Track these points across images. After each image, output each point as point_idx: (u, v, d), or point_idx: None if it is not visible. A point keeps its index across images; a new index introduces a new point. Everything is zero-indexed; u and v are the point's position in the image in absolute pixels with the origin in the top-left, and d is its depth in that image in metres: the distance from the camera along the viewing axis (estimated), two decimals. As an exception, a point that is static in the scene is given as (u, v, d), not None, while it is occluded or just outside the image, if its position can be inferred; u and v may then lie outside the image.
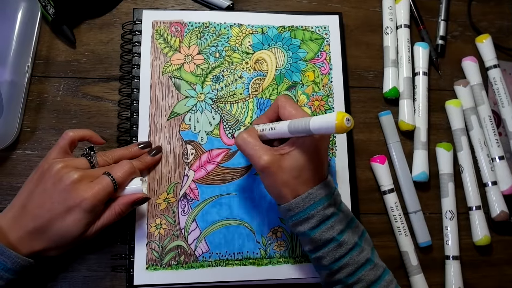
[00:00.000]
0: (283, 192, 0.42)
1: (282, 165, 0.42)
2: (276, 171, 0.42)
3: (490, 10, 0.65)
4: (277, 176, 0.42)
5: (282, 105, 0.45)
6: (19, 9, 0.51)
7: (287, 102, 0.45)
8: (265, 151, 0.42)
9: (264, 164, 0.41)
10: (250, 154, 0.43)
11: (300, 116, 0.42)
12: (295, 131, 0.40)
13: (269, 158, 0.41)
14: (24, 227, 0.41)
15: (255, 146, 0.43)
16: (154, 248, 0.49)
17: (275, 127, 0.43)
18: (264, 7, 0.60)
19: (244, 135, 0.44)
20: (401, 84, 0.58)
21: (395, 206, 0.54)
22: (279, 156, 0.42)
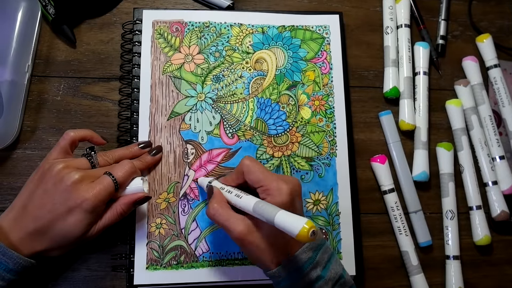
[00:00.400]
0: (262, 260, 0.40)
1: (257, 233, 0.40)
2: (251, 241, 0.40)
3: (490, 9, 0.65)
4: (254, 246, 0.40)
5: (247, 170, 0.42)
6: (19, 8, 0.51)
7: (253, 166, 0.42)
8: (238, 221, 0.40)
9: (237, 235, 0.39)
10: (224, 226, 0.41)
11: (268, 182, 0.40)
12: (259, 215, 0.38)
13: (242, 228, 0.39)
14: (25, 228, 0.41)
15: (227, 217, 0.40)
16: (154, 247, 0.49)
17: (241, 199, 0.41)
18: (265, 6, 0.60)
19: (215, 205, 0.41)
20: (401, 84, 0.58)
21: (395, 206, 0.54)
22: (253, 225, 0.40)
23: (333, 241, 0.51)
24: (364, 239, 0.54)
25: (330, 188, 0.53)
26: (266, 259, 0.40)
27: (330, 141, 0.54)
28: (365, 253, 0.53)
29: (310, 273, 0.40)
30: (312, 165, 0.53)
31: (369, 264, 0.53)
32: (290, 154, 0.53)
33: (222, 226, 0.41)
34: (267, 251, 0.40)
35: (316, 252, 0.41)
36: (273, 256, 0.40)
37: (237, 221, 0.40)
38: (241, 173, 0.43)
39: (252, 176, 0.41)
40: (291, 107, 0.54)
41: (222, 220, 0.41)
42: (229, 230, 0.40)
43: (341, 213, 0.52)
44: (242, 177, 0.43)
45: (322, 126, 0.54)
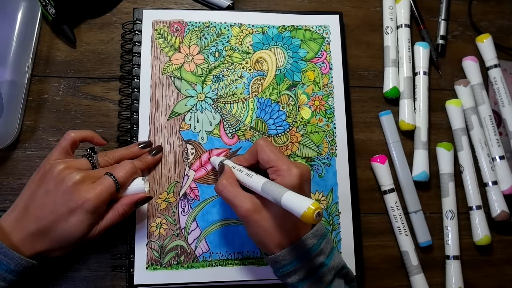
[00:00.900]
0: (266, 242, 0.41)
1: (264, 213, 0.40)
2: (257, 220, 0.40)
3: (490, 9, 0.65)
4: (259, 225, 0.40)
5: (261, 149, 0.43)
6: (19, 8, 0.51)
7: (266, 146, 0.42)
8: (246, 199, 0.40)
9: (244, 213, 0.40)
10: (231, 203, 0.41)
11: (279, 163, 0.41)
12: (267, 195, 0.38)
13: (250, 206, 0.40)
14: (26, 229, 0.41)
15: (235, 193, 0.41)
16: (154, 247, 0.49)
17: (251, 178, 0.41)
18: (264, 6, 0.60)
19: (224, 181, 0.42)
20: (401, 84, 0.58)
21: (395, 206, 0.54)
22: (261, 204, 0.40)
23: (333, 241, 0.51)
24: (364, 239, 0.54)
25: (330, 188, 0.53)
26: (270, 241, 0.40)
27: (330, 141, 0.54)
28: (365, 253, 0.53)
29: (315, 259, 0.40)
30: (312, 165, 0.53)
31: (369, 264, 0.53)
32: (290, 154, 0.53)
33: (229, 202, 0.41)
34: (272, 232, 0.40)
35: (320, 240, 0.41)
36: (278, 239, 0.40)
37: (244, 199, 0.40)
38: (255, 153, 0.43)
39: (265, 156, 0.42)
40: (291, 107, 0.54)
41: (230, 197, 0.41)
42: (236, 207, 0.41)
43: (341, 213, 0.52)
44: (255, 157, 0.44)
45: (322, 126, 0.54)
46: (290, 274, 0.41)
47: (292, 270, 0.40)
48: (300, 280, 0.40)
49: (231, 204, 0.41)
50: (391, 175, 0.55)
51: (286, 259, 0.40)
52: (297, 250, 0.40)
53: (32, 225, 0.41)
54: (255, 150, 0.43)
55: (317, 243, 0.41)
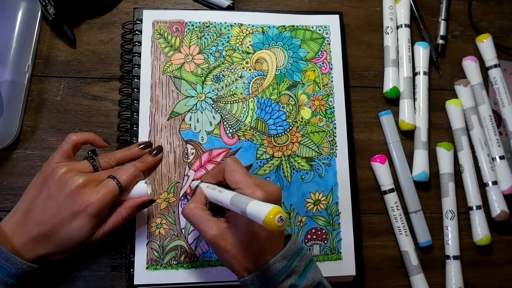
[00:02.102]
0: (233, 266, 0.40)
1: (230, 238, 0.40)
2: (223, 246, 0.40)
3: (490, 9, 0.65)
4: (225, 251, 0.40)
5: (228, 170, 0.42)
6: (19, 8, 0.51)
7: (234, 167, 0.42)
8: (211, 224, 0.40)
9: (210, 238, 0.40)
10: (197, 227, 0.41)
11: (246, 184, 0.40)
12: (236, 208, 0.38)
13: (215, 232, 0.39)
14: (28, 233, 0.41)
15: (201, 219, 0.41)
16: (154, 247, 0.49)
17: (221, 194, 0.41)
18: (265, 6, 0.60)
19: (191, 205, 0.42)
20: (401, 84, 0.58)
21: (395, 206, 0.54)
22: (227, 229, 0.40)
23: (333, 241, 0.51)
24: (364, 239, 0.54)
25: (330, 188, 0.53)
26: (237, 266, 0.40)
27: (330, 141, 0.54)
28: (365, 253, 0.53)
29: (285, 282, 0.39)
30: (312, 165, 0.53)
31: (369, 264, 0.53)
32: (290, 154, 0.53)
33: (195, 227, 0.41)
34: (238, 257, 0.40)
35: (291, 261, 0.40)
36: (245, 263, 0.40)
37: (210, 224, 0.40)
38: (222, 172, 0.43)
39: (230, 177, 0.41)
40: (291, 107, 0.54)
41: (196, 221, 0.41)
42: (201, 231, 0.40)
43: (341, 213, 0.52)
44: (221, 175, 0.43)
45: (322, 126, 0.54)
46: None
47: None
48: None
49: (197, 229, 0.41)
50: (391, 175, 0.55)
51: (254, 284, 0.40)
52: (264, 275, 0.39)
53: (34, 229, 0.41)
54: (222, 169, 0.43)
55: (287, 265, 0.40)
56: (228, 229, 0.40)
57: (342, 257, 0.51)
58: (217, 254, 0.42)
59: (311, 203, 0.52)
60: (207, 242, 0.41)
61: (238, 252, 0.40)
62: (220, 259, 0.42)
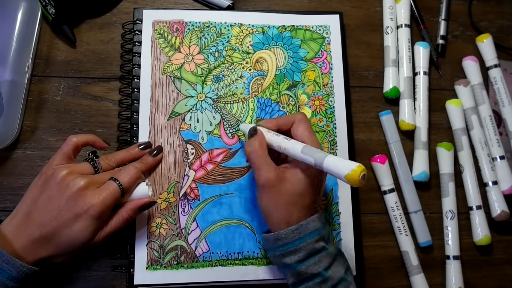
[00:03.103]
0: (275, 216, 0.42)
1: (284, 187, 0.41)
2: (275, 192, 0.41)
3: (490, 9, 0.65)
4: (277, 198, 0.41)
5: (297, 124, 0.44)
6: (19, 8, 0.51)
7: (305, 122, 0.44)
8: (272, 168, 0.41)
9: (266, 181, 0.41)
10: (257, 167, 0.42)
11: (312, 142, 0.42)
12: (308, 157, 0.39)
13: (273, 176, 0.41)
14: (29, 235, 0.41)
15: (264, 159, 0.42)
16: (154, 247, 0.49)
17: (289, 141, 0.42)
18: (265, 6, 0.60)
19: (256, 144, 0.43)
20: (401, 84, 0.58)
21: (396, 206, 0.54)
22: (283, 178, 0.41)
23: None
24: (364, 239, 0.54)
25: (330, 188, 0.53)
26: (279, 216, 0.41)
27: (330, 141, 0.54)
28: (365, 253, 0.53)
29: (317, 242, 0.41)
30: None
31: (369, 264, 0.53)
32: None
33: (254, 166, 0.42)
34: (284, 208, 0.41)
35: (323, 225, 0.43)
36: (287, 215, 0.41)
37: (270, 167, 0.41)
38: (289, 122, 0.44)
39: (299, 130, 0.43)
40: (291, 107, 0.54)
41: (257, 161, 0.42)
42: (260, 173, 0.42)
43: (341, 213, 0.52)
44: (287, 127, 0.45)
45: (322, 126, 0.54)
46: (290, 253, 0.41)
47: (293, 250, 0.41)
48: (299, 261, 0.41)
49: (256, 168, 0.42)
50: (391, 175, 0.55)
51: (289, 238, 0.41)
52: (301, 231, 0.41)
53: (35, 232, 0.41)
54: (291, 121, 0.45)
55: (321, 227, 0.42)
56: (284, 178, 0.41)
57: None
58: (267, 199, 0.42)
59: (311, 203, 0.52)
60: (260, 184, 0.42)
61: (286, 202, 0.41)
62: (266, 204, 0.43)
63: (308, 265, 0.41)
